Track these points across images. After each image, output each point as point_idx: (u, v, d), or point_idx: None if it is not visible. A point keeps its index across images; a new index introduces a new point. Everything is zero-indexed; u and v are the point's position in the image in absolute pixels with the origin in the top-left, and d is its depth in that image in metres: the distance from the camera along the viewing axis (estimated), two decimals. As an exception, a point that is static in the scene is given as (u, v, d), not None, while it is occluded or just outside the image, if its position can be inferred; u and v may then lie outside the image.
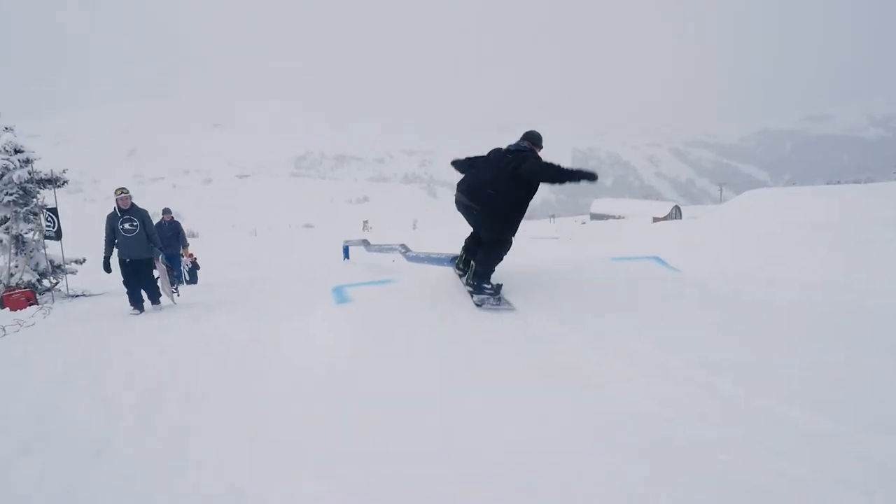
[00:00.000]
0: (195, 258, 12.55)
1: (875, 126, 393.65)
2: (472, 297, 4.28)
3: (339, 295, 4.34)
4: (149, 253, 6.56)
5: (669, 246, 12.17)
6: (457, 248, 4.98)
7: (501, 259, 4.40)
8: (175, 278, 7.76)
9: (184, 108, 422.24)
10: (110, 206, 6.61)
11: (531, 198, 4.22)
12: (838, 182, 59.60)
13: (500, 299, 4.20)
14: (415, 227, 68.27)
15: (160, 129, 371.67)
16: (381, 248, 8.96)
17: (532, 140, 4.33)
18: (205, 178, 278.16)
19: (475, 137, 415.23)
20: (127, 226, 6.44)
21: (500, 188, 4.09)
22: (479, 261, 4.30)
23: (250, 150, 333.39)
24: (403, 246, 7.58)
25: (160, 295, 6.77)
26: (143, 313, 6.45)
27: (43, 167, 8.18)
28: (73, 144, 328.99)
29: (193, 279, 12.04)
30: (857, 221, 14.49)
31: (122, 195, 6.52)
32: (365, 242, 10.16)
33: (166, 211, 10.52)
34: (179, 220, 10.67)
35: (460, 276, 4.64)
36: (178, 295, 7.35)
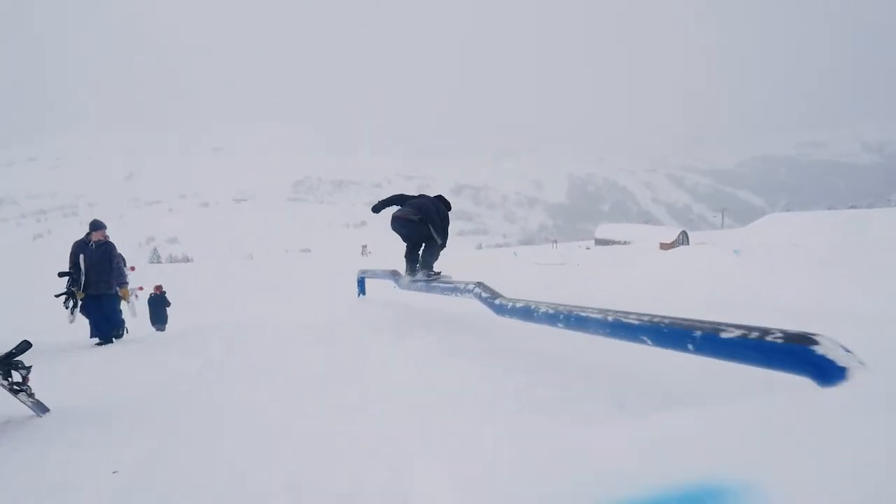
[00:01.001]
0: (162, 290, 10.10)
1: (868, 152, 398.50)
2: (417, 274, 5.73)
3: None
4: None
5: (721, 279, 10.40)
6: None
7: (439, 254, 5.80)
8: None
9: (185, 133, 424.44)
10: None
11: (445, 225, 5.78)
12: (852, 207, 58.66)
13: (438, 275, 5.59)
14: (415, 251, 66.55)
15: (160, 153, 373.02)
16: (430, 286, 5.31)
17: (446, 202, 5.97)
18: (202, 201, 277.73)
19: (472, 161, 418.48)
20: None
21: (440, 213, 5.71)
22: (426, 253, 5.69)
23: (249, 175, 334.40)
24: (481, 285, 4.15)
25: None
26: None
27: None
28: (72, 167, 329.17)
29: (161, 320, 9.68)
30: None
31: None
32: (394, 275, 6.49)
33: (96, 226, 6.14)
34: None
35: (412, 278, 5.81)
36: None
